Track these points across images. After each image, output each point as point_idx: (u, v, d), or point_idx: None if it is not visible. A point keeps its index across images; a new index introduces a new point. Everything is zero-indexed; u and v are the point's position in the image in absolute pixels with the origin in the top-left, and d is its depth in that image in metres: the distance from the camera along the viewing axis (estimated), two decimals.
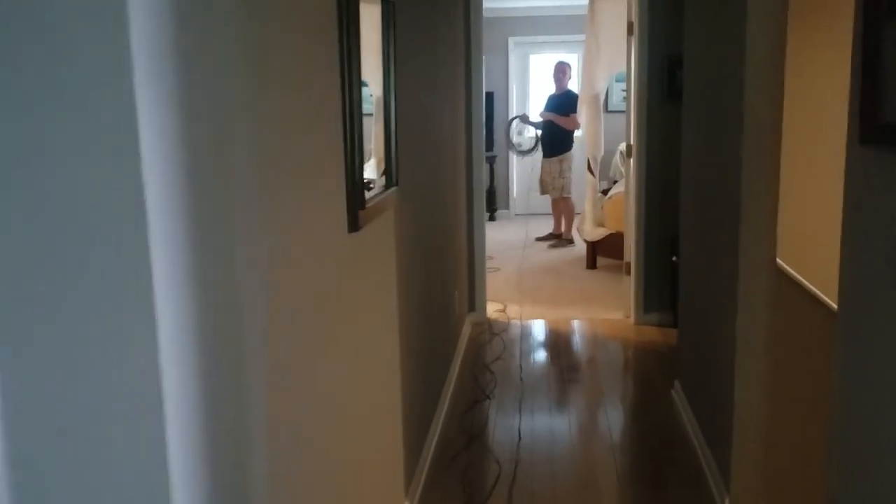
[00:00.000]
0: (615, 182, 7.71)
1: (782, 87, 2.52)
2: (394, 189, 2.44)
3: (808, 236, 2.55)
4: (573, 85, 7.88)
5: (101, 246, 0.92)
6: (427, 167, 3.40)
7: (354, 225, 1.95)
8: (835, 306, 2.14)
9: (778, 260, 2.61)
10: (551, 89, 7.88)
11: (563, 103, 7.55)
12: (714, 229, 3.12)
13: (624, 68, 5.46)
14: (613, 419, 3.82)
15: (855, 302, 1.69)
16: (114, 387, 0.95)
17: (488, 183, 9.00)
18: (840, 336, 1.75)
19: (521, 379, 4.27)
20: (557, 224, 8.08)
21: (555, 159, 7.66)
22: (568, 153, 7.68)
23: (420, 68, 3.22)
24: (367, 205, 2.05)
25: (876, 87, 1.47)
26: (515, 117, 8.85)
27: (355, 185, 1.93)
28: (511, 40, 9.38)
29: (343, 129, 1.86)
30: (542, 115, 7.80)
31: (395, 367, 2.60)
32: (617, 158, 8.23)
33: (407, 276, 2.83)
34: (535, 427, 3.63)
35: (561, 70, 7.73)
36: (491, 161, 8.97)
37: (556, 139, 7.67)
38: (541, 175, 7.86)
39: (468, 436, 3.54)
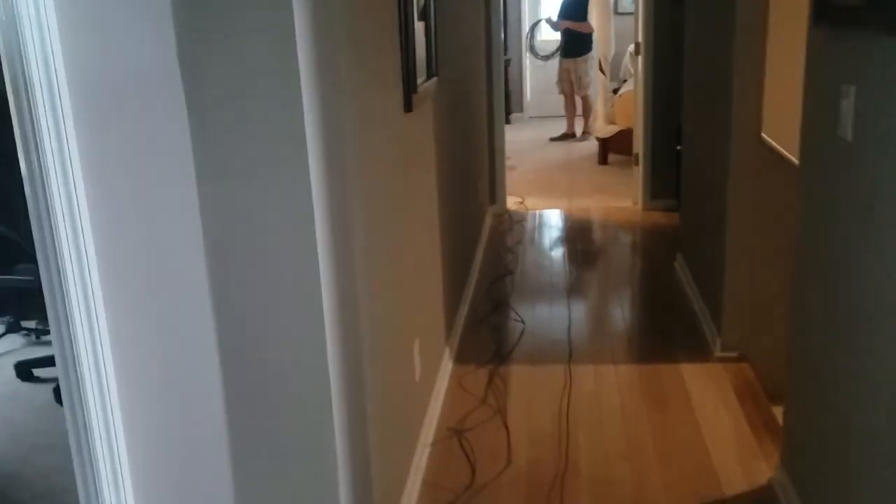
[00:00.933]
0: (624, 81, 8.04)
1: None
2: (434, 79, 2.87)
3: (787, 114, 2.98)
4: None
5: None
6: (456, 65, 3.81)
7: (409, 106, 2.41)
8: None
9: (763, 134, 3.05)
10: None
11: (577, 6, 7.85)
12: (710, 114, 3.54)
13: None
14: (623, 286, 4.34)
15: (810, 158, 2.15)
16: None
17: (503, 86, 9.30)
18: (801, 187, 2.22)
19: (540, 258, 4.78)
20: (570, 123, 8.47)
21: (580, 59, 8.06)
22: (589, 53, 8.10)
23: None
24: (418, 90, 2.50)
25: None
26: (540, 20, 9.05)
27: (409, 72, 2.38)
28: None
29: (398, 31, 2.29)
30: (560, 24, 8.08)
31: (436, 237, 3.09)
32: (627, 59, 8.51)
33: (443, 158, 3.28)
34: (553, 296, 4.15)
35: None
36: (506, 64, 9.25)
37: (577, 41, 8.03)
38: (560, 75, 8.21)
39: (494, 303, 4.06)
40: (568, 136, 8.48)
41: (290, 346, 1.55)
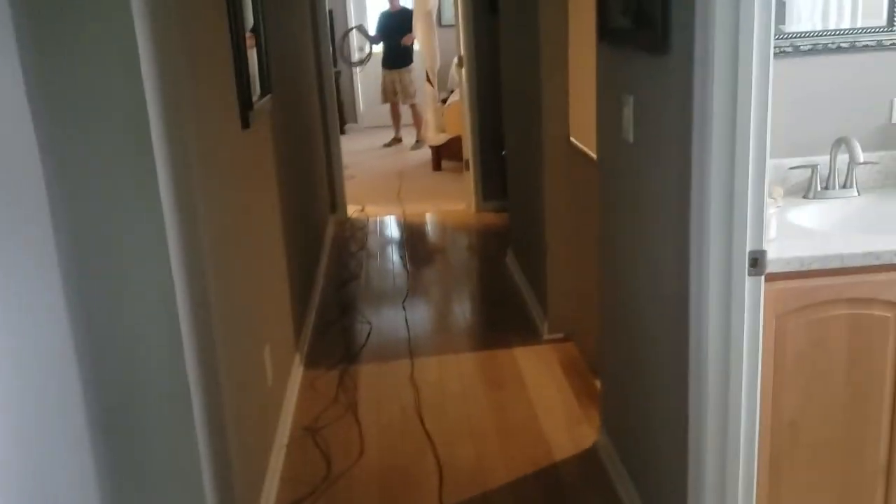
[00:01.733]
0: (452, 91, 8.43)
1: (566, 1, 3.26)
2: (269, 96, 3.01)
3: (590, 119, 3.36)
4: (407, 2, 8.47)
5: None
6: (290, 80, 3.95)
7: (246, 123, 2.54)
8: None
9: (572, 138, 3.41)
10: (386, 6, 8.46)
11: (400, 21, 8.20)
12: (525, 120, 3.89)
13: None
14: (460, 282, 4.64)
15: (604, 158, 2.48)
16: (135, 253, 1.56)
17: (336, 97, 9.49)
18: (600, 184, 2.55)
19: (382, 261, 4.99)
20: (397, 129, 8.88)
21: (403, 70, 8.46)
22: (412, 64, 8.51)
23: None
24: (254, 107, 2.64)
25: (604, 3, 2.22)
26: (353, 28, 9.32)
27: (244, 91, 2.51)
28: None
29: (231, 52, 2.43)
30: (377, 37, 8.49)
31: (280, 248, 3.22)
32: (453, 69, 8.93)
33: (282, 171, 3.42)
34: (396, 297, 4.37)
35: None
36: (336, 76, 9.43)
37: (401, 53, 8.45)
38: (385, 86, 8.55)
39: (342, 307, 4.23)
40: (396, 140, 8.88)
41: (150, 360, 1.66)
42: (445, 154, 7.51)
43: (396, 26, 8.30)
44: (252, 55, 2.84)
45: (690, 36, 1.63)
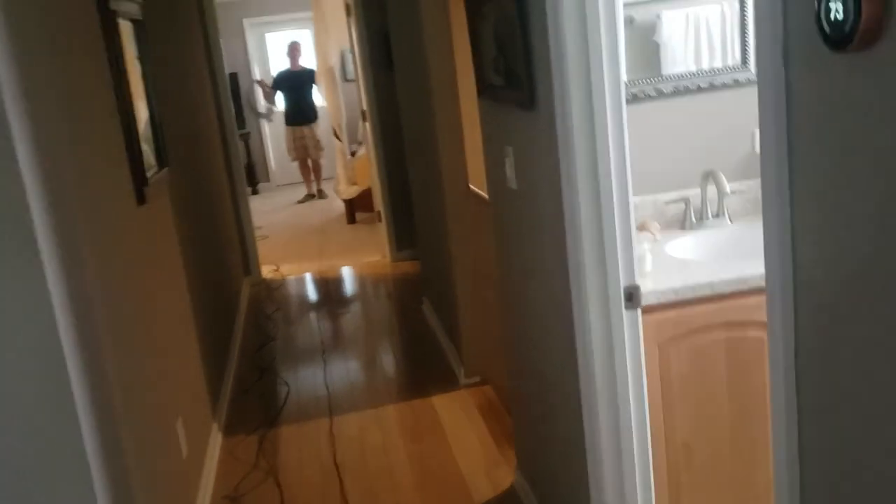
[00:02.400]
0: (360, 143, 8.54)
1: (453, 57, 3.39)
2: (166, 169, 3.02)
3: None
4: (308, 60, 8.64)
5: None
6: (190, 147, 3.96)
7: (141, 199, 2.55)
8: None
9: (471, 185, 3.52)
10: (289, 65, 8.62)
11: (301, 79, 8.39)
12: (427, 171, 3.99)
13: (349, 44, 6.23)
14: (378, 334, 4.67)
15: (495, 202, 2.58)
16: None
17: (246, 158, 9.49)
18: (493, 228, 2.65)
19: (299, 319, 4.98)
20: (309, 185, 8.97)
21: (314, 125, 8.66)
22: (318, 120, 8.66)
23: (168, 62, 3.76)
24: (149, 182, 2.65)
25: (480, 63, 2.34)
26: (257, 81, 9.41)
27: (136, 167, 2.53)
28: (245, 21, 9.82)
29: (122, 130, 2.45)
30: (271, 94, 8.74)
31: (189, 319, 3.21)
32: (361, 121, 9.07)
33: (187, 243, 3.42)
34: (314, 355, 4.37)
35: (294, 49, 8.53)
36: (245, 138, 9.44)
37: (308, 109, 8.60)
38: (294, 142, 8.65)
39: (260, 370, 4.20)
40: (310, 196, 8.91)
41: (45, 443, 1.65)
42: (359, 206, 7.58)
43: (298, 84, 8.45)
44: (145, 131, 2.86)
45: (551, 93, 1.74)
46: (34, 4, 1.80)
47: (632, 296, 1.78)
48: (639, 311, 1.80)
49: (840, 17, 0.85)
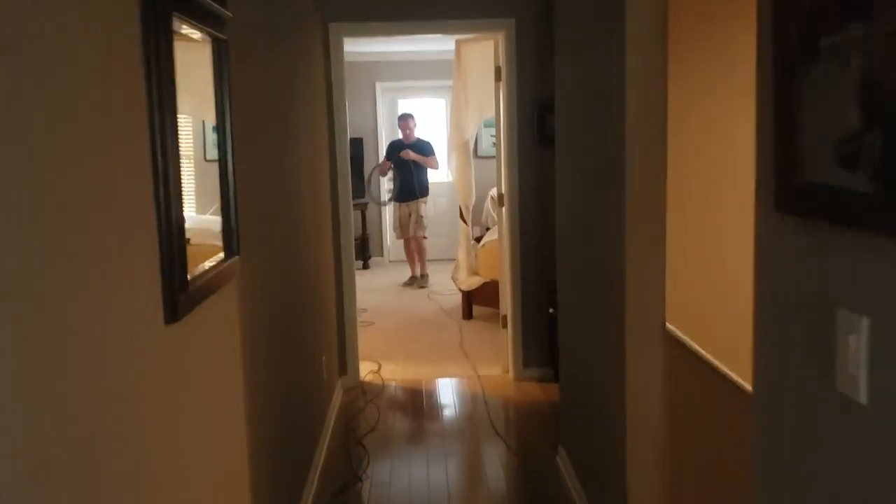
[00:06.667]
0: (487, 229, 7.55)
1: (665, 143, 2.33)
2: (234, 259, 2.05)
3: (699, 299, 2.35)
4: (435, 133, 7.85)
5: None
6: (282, 226, 3.03)
7: (174, 313, 1.56)
8: (735, 378, 1.94)
9: (668, 325, 2.40)
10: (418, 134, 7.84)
11: (420, 147, 7.72)
12: (595, 288, 2.90)
13: (493, 114, 5.30)
14: (495, 489, 3.51)
15: (771, 389, 1.44)
16: None
17: (360, 230, 8.68)
18: (758, 424, 1.50)
19: (397, 454, 3.90)
20: (414, 267, 8.06)
21: (421, 200, 7.80)
22: (427, 195, 7.88)
23: (269, 113, 2.86)
24: (193, 284, 1.67)
25: (792, 144, 1.24)
26: (374, 169, 8.51)
27: (173, 260, 1.55)
28: (378, 85, 9.15)
29: (155, 198, 1.48)
30: (403, 154, 7.67)
31: (241, 460, 2.19)
32: (488, 204, 8.09)
33: (257, 354, 2.43)
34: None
35: (404, 122, 7.78)
36: (362, 208, 8.65)
37: (417, 183, 7.76)
38: (400, 220, 7.90)
39: None
40: (415, 278, 8.00)
41: None
42: (478, 300, 6.53)
43: (416, 153, 7.65)
44: (209, 215, 1.93)
45: None
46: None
47: None
48: None
49: None
